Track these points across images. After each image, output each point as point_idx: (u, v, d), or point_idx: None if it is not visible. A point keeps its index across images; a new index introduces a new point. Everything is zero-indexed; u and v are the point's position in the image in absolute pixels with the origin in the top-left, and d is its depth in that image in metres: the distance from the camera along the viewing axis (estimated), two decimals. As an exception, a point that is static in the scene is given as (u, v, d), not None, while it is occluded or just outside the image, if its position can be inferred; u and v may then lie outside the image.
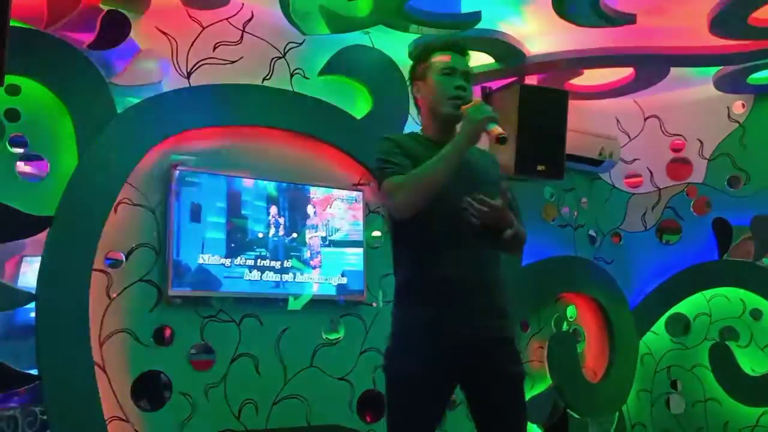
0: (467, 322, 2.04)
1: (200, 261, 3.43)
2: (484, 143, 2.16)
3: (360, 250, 3.94)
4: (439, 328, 2.04)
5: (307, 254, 3.79)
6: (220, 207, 3.54)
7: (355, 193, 3.99)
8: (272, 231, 3.69)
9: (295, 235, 3.75)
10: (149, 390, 3.37)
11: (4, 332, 3.17)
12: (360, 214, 3.97)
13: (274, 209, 3.71)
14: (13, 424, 3.03)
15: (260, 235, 3.63)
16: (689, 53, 4.10)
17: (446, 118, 2.15)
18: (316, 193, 3.87)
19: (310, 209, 3.84)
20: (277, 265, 3.66)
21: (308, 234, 3.81)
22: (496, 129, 2.02)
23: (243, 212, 3.61)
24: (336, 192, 3.93)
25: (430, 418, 2.07)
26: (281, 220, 3.73)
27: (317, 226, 3.84)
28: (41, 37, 3.12)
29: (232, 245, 3.54)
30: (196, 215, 3.46)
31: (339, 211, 3.91)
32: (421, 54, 2.27)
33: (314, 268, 3.80)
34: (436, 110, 2.18)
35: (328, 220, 3.87)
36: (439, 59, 2.19)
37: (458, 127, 2.19)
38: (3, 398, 3.05)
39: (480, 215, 2.03)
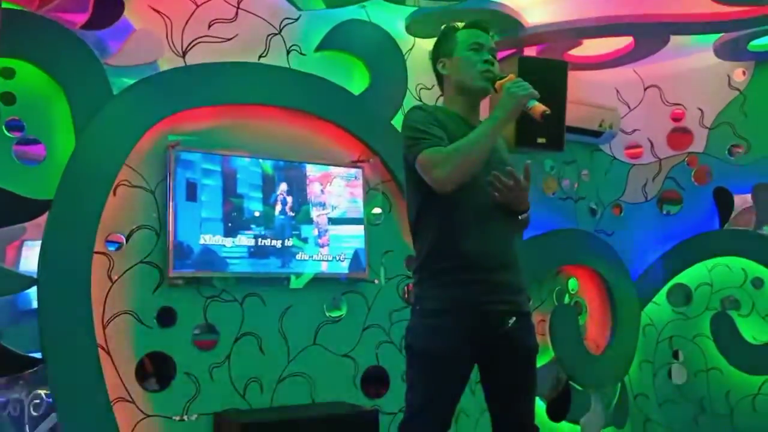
0: (490, 297, 2.07)
1: (201, 241, 3.43)
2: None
3: (361, 228, 3.93)
4: (462, 303, 2.06)
5: (314, 232, 3.78)
6: (219, 186, 3.53)
7: (354, 170, 3.97)
8: (274, 209, 3.68)
9: (292, 213, 3.74)
10: (154, 371, 3.39)
11: (8, 317, 3.18)
12: (359, 192, 3.95)
13: (282, 186, 3.70)
14: (19, 407, 3.05)
15: (256, 214, 3.61)
16: (689, 21, 4.05)
17: (476, 92, 2.16)
18: (315, 170, 3.84)
19: (313, 187, 3.82)
20: (278, 243, 3.66)
21: (315, 212, 3.80)
22: (540, 106, 2.01)
23: (242, 191, 3.60)
24: (335, 169, 3.90)
25: (452, 394, 2.09)
26: (284, 199, 3.71)
27: (324, 203, 3.83)
28: (34, 18, 3.08)
29: (232, 225, 3.53)
30: (194, 195, 3.44)
31: (338, 189, 3.89)
32: (445, 32, 2.27)
33: (322, 246, 3.80)
34: (466, 85, 2.18)
35: (327, 198, 3.85)
36: (467, 35, 2.20)
37: (481, 103, 2.19)
38: (8, 382, 3.07)
39: (504, 190, 2.03)
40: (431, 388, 2.07)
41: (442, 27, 2.31)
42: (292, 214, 3.73)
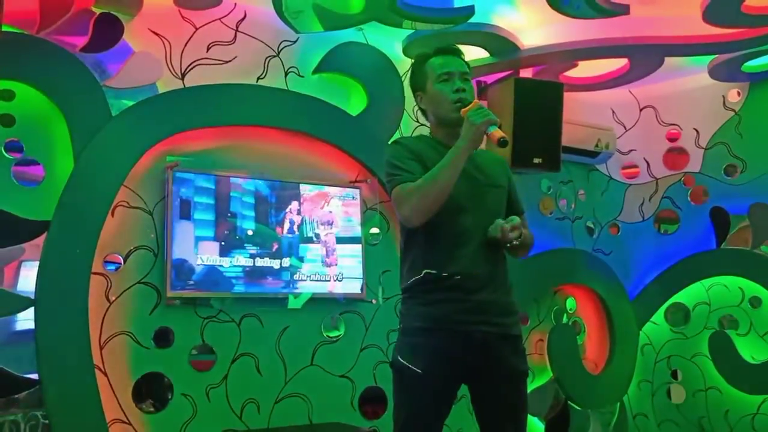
0: (471, 317, 2.07)
1: (198, 262, 3.43)
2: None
3: (358, 247, 3.94)
4: (447, 324, 2.07)
5: (322, 251, 3.80)
6: (217, 207, 3.54)
7: (351, 191, 3.98)
8: (276, 229, 3.68)
9: (294, 232, 3.74)
10: (151, 392, 3.38)
11: (4, 338, 3.17)
12: (357, 211, 3.97)
13: (294, 205, 3.75)
14: (15, 429, 3.03)
15: (250, 233, 3.61)
16: (683, 43, 4.09)
17: (453, 122, 2.18)
18: (313, 191, 3.86)
19: (314, 206, 3.83)
20: (275, 264, 3.66)
21: (323, 230, 3.83)
22: (498, 132, 2.04)
23: (240, 212, 3.61)
24: (333, 189, 3.92)
25: (437, 414, 2.09)
26: (293, 219, 3.72)
27: (332, 222, 3.86)
28: (34, 41, 3.11)
29: (230, 245, 3.54)
30: (192, 216, 3.46)
31: (336, 209, 3.91)
32: (416, 65, 2.31)
33: (330, 265, 3.82)
34: (442, 116, 2.22)
35: (326, 218, 3.86)
36: (435, 66, 2.22)
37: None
38: (4, 403, 3.05)
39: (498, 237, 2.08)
40: (412, 405, 2.08)
41: (414, 57, 2.34)
42: (293, 233, 3.74)
